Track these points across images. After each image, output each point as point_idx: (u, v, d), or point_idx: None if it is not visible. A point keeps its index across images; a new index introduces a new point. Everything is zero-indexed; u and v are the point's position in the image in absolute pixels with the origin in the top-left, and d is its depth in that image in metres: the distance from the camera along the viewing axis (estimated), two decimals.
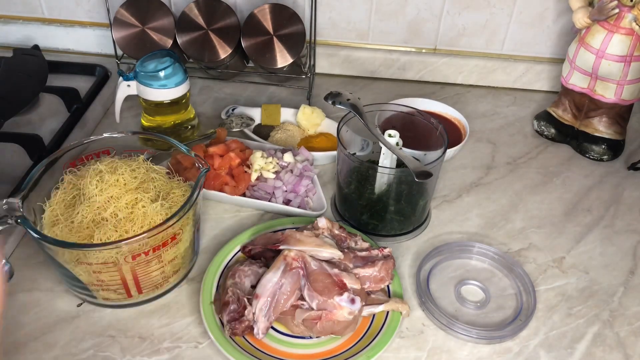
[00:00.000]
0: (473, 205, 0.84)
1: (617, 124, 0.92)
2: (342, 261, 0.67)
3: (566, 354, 0.66)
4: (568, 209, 0.85)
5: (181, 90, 0.87)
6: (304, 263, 0.65)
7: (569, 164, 0.93)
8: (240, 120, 0.94)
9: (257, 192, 0.81)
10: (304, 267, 0.65)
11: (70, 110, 0.96)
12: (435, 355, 0.65)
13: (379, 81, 1.11)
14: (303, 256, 0.65)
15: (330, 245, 0.67)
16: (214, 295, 0.67)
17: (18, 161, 0.85)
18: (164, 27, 0.98)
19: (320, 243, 0.67)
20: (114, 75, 1.06)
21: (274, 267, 0.65)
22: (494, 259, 0.75)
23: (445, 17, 1.04)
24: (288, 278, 0.64)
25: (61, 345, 0.64)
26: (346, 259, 0.67)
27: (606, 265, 0.76)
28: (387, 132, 0.75)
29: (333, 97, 0.78)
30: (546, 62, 1.07)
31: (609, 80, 0.88)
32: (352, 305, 0.62)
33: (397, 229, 0.78)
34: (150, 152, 0.74)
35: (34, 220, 0.65)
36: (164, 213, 0.65)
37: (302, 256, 0.65)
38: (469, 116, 1.00)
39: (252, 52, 0.96)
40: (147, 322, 0.67)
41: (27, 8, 1.11)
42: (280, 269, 0.64)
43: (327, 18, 1.06)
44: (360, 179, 0.76)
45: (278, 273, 0.64)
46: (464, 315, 0.69)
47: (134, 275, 0.63)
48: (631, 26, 0.83)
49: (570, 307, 0.71)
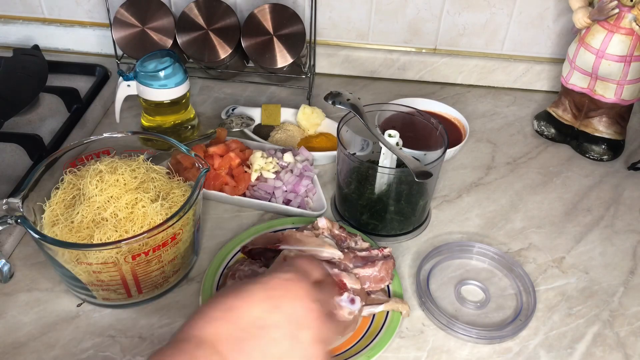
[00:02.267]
0: (473, 205, 0.84)
1: (617, 124, 0.92)
2: (342, 261, 0.67)
3: (566, 354, 0.66)
4: (568, 209, 0.85)
5: (181, 90, 0.87)
6: None
7: (569, 164, 0.93)
8: (240, 120, 0.94)
9: (257, 192, 0.81)
10: None
11: (70, 110, 0.96)
12: (435, 355, 0.65)
13: (379, 81, 1.11)
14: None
15: (330, 245, 0.67)
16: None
17: (18, 161, 0.85)
18: (164, 27, 0.98)
19: (320, 243, 0.67)
20: (114, 75, 1.06)
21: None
22: (494, 259, 0.75)
23: (445, 17, 1.04)
24: None
25: (61, 345, 0.64)
26: (346, 258, 0.67)
27: (606, 265, 0.76)
28: (387, 132, 0.75)
29: (333, 97, 0.78)
30: (546, 62, 1.07)
31: (609, 80, 0.88)
32: (352, 305, 0.62)
33: (397, 229, 0.78)
34: (150, 152, 0.74)
35: (34, 220, 0.65)
36: (164, 213, 0.65)
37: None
38: (469, 116, 1.00)
39: (252, 52, 0.96)
40: (147, 322, 0.67)
41: (27, 8, 1.11)
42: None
43: (327, 18, 1.06)
44: (360, 179, 0.76)
45: None
46: (464, 315, 0.69)
47: (134, 275, 0.63)
48: (631, 26, 0.83)
49: (570, 307, 0.71)
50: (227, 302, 0.46)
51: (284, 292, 0.47)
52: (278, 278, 0.48)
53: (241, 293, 0.47)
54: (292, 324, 0.46)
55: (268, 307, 0.46)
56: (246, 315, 0.45)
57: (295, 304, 0.47)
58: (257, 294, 0.47)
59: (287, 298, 0.47)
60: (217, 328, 0.45)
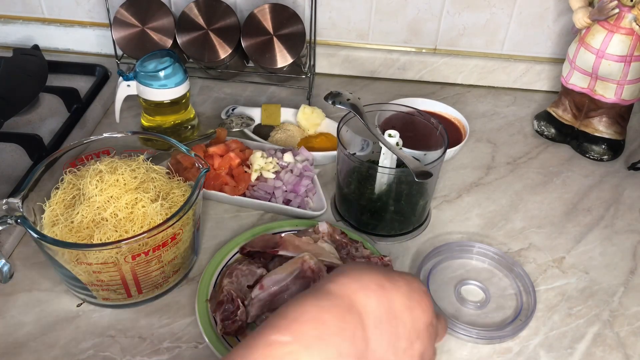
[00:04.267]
0: (473, 205, 0.84)
1: (617, 124, 0.92)
2: None
3: (566, 354, 0.66)
4: (568, 209, 0.85)
5: (181, 90, 0.87)
6: (319, 278, 0.63)
7: (569, 164, 0.93)
8: (240, 120, 0.94)
9: (257, 192, 0.81)
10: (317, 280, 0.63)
11: (70, 110, 0.96)
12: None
13: (379, 81, 1.11)
14: (320, 270, 0.64)
15: (330, 254, 0.67)
16: (210, 293, 0.67)
17: (18, 161, 0.85)
18: (164, 27, 0.98)
19: (319, 251, 0.66)
20: (114, 75, 1.06)
21: (288, 269, 0.64)
22: (494, 259, 0.75)
23: (445, 17, 1.04)
24: (297, 285, 0.63)
25: (61, 345, 0.64)
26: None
27: (606, 265, 0.76)
28: (387, 132, 0.75)
29: (333, 97, 0.78)
30: (546, 62, 1.07)
31: (609, 80, 0.88)
32: None
33: (397, 229, 0.78)
34: (150, 152, 0.74)
35: (34, 220, 0.65)
36: (164, 213, 0.65)
37: (320, 270, 0.64)
38: (469, 116, 1.00)
39: (252, 52, 0.96)
40: (147, 322, 0.67)
41: (27, 8, 1.11)
42: (292, 274, 0.63)
43: (327, 18, 1.06)
44: (360, 179, 0.76)
45: (289, 276, 0.63)
46: (464, 315, 0.69)
47: (134, 275, 0.63)
48: (631, 26, 0.83)
49: (570, 307, 0.71)
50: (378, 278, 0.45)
51: (420, 297, 0.47)
52: (418, 283, 0.48)
53: (391, 276, 0.46)
54: (412, 330, 0.46)
55: (407, 302, 0.46)
56: (392, 298, 0.45)
57: (424, 315, 0.47)
58: (402, 287, 0.46)
59: (420, 305, 0.47)
60: (367, 296, 0.44)
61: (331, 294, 0.43)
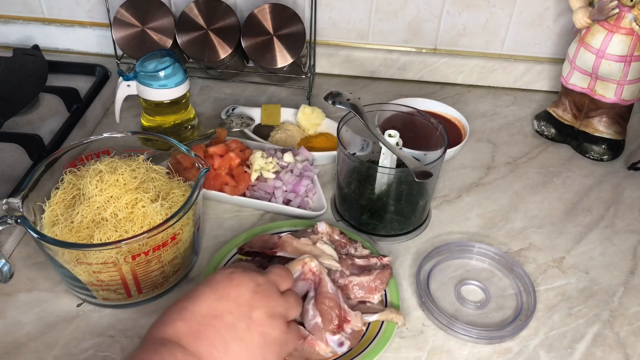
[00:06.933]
0: (473, 205, 0.84)
1: (617, 124, 0.92)
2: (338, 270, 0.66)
3: (566, 354, 0.66)
4: (568, 209, 0.85)
5: (181, 90, 0.87)
6: (319, 280, 0.63)
7: (569, 164, 0.93)
8: (240, 120, 0.94)
9: (257, 192, 0.81)
10: (318, 282, 0.63)
11: (70, 110, 0.96)
12: (435, 355, 0.65)
13: (379, 81, 1.11)
14: (321, 273, 0.63)
15: (328, 256, 0.66)
16: None
17: (18, 161, 0.85)
18: (164, 27, 0.98)
19: (318, 253, 0.66)
20: (114, 75, 1.06)
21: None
22: (494, 259, 0.75)
23: (445, 17, 1.04)
24: (297, 287, 0.63)
25: (61, 345, 0.64)
26: (343, 265, 0.67)
27: (606, 265, 0.76)
28: (387, 132, 0.75)
29: (333, 97, 0.78)
30: (546, 62, 1.07)
31: (609, 80, 0.88)
32: (338, 347, 0.61)
33: (397, 229, 0.78)
34: (150, 152, 0.74)
35: (34, 220, 0.65)
36: (164, 213, 0.65)
37: (321, 273, 0.63)
38: (469, 116, 0.99)
39: (252, 52, 0.96)
40: (147, 322, 0.67)
41: (27, 8, 1.11)
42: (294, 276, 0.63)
43: (327, 18, 1.06)
44: (360, 179, 0.76)
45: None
46: (464, 315, 0.69)
47: (134, 275, 0.63)
48: (631, 26, 0.83)
49: (570, 307, 0.71)
50: (181, 304, 0.52)
51: (227, 282, 0.53)
52: (221, 274, 0.54)
53: (192, 293, 0.52)
54: (242, 306, 0.52)
55: (215, 298, 0.52)
56: (197, 310, 0.51)
57: (240, 289, 0.52)
58: (204, 290, 0.52)
59: (231, 287, 0.53)
60: (175, 327, 0.50)
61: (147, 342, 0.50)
